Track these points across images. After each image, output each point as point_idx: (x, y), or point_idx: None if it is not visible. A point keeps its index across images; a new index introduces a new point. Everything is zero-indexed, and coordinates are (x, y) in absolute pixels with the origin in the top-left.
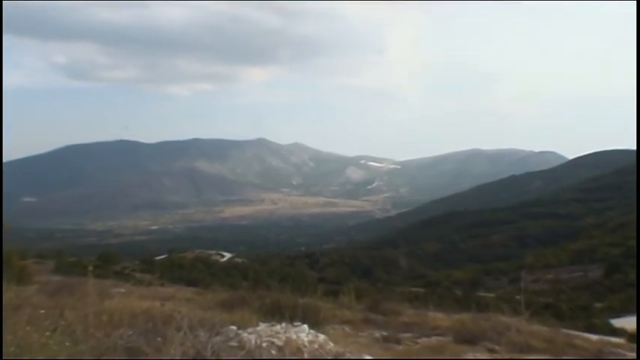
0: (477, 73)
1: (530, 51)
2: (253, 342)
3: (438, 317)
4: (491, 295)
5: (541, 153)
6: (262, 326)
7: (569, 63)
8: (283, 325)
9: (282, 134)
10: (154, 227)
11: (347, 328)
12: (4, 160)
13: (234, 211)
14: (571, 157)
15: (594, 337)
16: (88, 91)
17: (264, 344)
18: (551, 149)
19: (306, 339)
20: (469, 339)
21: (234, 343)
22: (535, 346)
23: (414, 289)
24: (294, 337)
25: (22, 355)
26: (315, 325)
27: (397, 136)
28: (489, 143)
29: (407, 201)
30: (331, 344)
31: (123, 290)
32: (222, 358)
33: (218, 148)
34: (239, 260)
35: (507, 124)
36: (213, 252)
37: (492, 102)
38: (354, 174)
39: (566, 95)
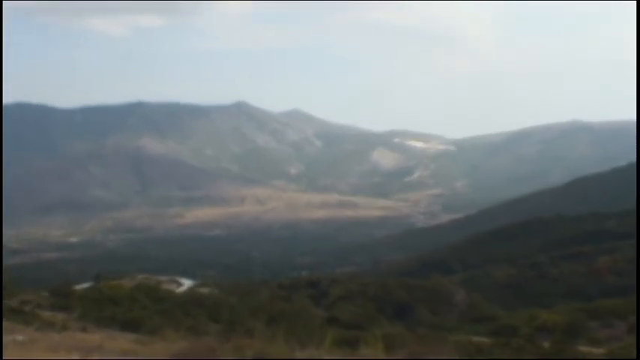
0: (579, 7)
1: None
2: None
3: None
4: (600, 350)
5: None
6: None
7: None
8: None
9: (272, 97)
10: (73, 239)
11: None
12: None
13: (198, 216)
14: None
15: None
16: None
17: None
18: None
19: None
20: None
21: None
22: None
23: (475, 338)
24: None
25: None
26: None
27: (451, 103)
28: (596, 112)
29: (465, 201)
30: None
31: (21, 338)
32: None
33: (174, 118)
34: (205, 291)
35: (625, 82)
36: (166, 278)
37: (600, 48)
38: (384, 159)
39: None
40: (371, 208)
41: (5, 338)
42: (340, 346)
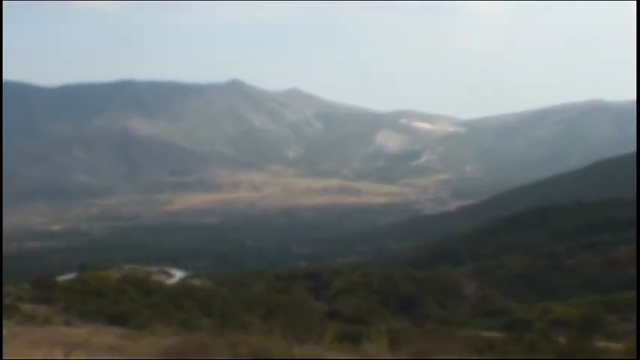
0: None
1: None
2: None
3: None
4: (618, 345)
5: None
6: None
7: None
8: None
9: (269, 75)
10: (57, 227)
11: None
12: None
13: (190, 202)
14: None
15: None
16: None
17: None
18: None
19: None
20: None
21: None
22: None
23: (486, 333)
24: None
25: None
26: None
27: (461, 81)
28: (617, 91)
29: (475, 186)
30: None
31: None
32: None
33: (164, 98)
34: (197, 283)
35: None
36: (155, 269)
37: (620, 24)
38: (390, 142)
39: None
40: (375, 194)
41: None
42: (342, 341)
